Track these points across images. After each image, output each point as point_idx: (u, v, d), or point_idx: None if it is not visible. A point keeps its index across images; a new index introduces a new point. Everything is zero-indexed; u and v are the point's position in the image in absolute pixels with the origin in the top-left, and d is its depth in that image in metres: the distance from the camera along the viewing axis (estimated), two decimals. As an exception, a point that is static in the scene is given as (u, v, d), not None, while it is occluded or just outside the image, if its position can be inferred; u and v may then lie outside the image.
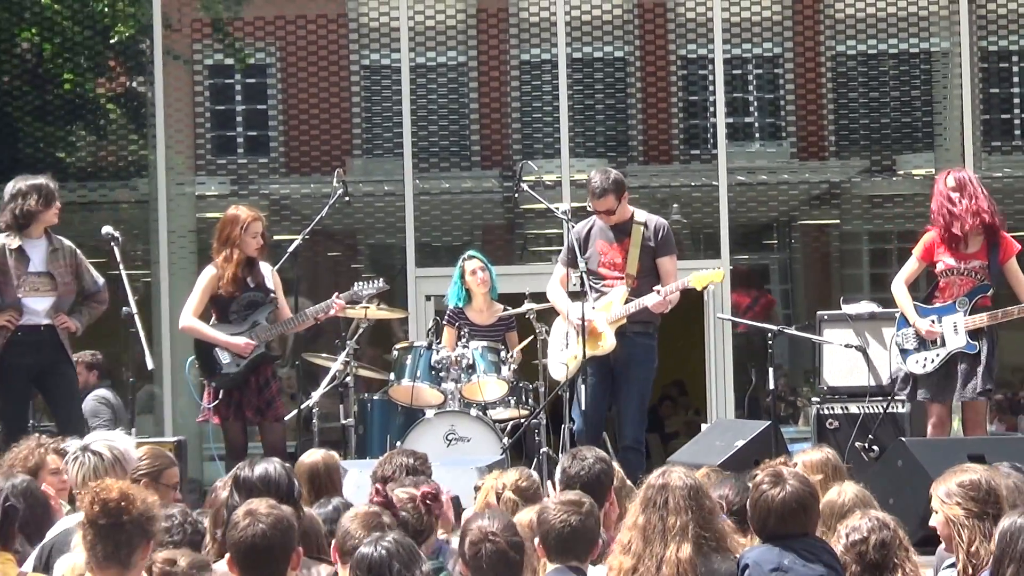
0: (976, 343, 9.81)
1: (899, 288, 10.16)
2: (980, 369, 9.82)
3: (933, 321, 9.92)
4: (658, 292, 10.23)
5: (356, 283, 10.94)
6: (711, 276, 10.41)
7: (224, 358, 10.38)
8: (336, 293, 10.75)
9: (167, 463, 7.21)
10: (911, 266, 10.21)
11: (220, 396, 10.34)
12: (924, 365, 9.95)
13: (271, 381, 10.46)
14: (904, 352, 10.06)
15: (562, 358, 10.65)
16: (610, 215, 10.38)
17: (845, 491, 6.50)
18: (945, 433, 9.88)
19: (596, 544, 5.86)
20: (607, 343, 10.29)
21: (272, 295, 10.52)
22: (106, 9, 15.67)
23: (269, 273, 10.57)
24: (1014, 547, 5.29)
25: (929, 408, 10.05)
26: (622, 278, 10.38)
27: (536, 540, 5.76)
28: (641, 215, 10.57)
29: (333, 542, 5.78)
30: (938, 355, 9.90)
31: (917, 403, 10.20)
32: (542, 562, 5.83)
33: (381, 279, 11.03)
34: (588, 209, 10.57)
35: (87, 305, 10.23)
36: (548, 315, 11.18)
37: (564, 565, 5.70)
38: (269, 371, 10.48)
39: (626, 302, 10.33)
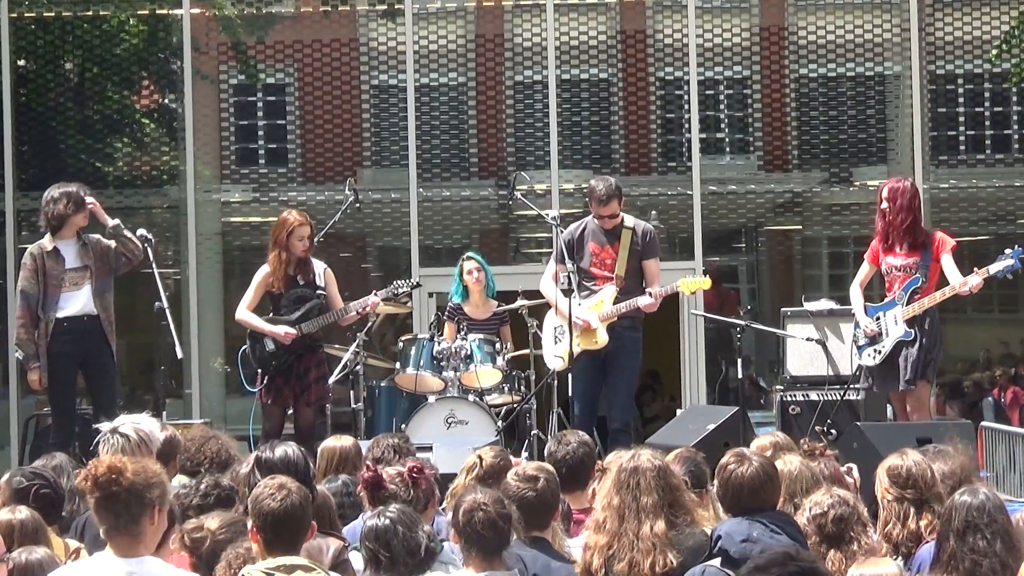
0: (912, 330, 9.71)
1: (854, 291, 10.11)
2: (911, 360, 9.70)
3: (879, 318, 9.85)
4: (650, 295, 10.08)
5: (394, 281, 10.86)
6: (699, 283, 10.33)
7: (270, 346, 10.32)
8: (374, 291, 10.73)
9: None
10: (863, 270, 10.15)
11: (265, 381, 10.29)
12: (874, 357, 9.88)
13: (311, 369, 10.36)
14: (860, 348, 10.00)
15: (558, 351, 10.43)
16: (614, 219, 10.18)
17: (790, 461, 6.39)
18: (920, 416, 9.68)
19: (555, 512, 5.82)
20: (600, 339, 10.15)
21: (320, 291, 10.41)
22: (139, 33, 15.60)
23: (321, 271, 10.48)
24: (951, 523, 5.24)
25: (888, 397, 10.00)
26: (611, 278, 10.23)
27: None
28: (630, 220, 10.34)
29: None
30: (884, 347, 9.82)
31: (873, 392, 10.15)
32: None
33: (415, 279, 11.05)
34: (595, 216, 10.16)
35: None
36: (539, 311, 11.12)
37: (527, 536, 5.66)
38: (312, 360, 10.37)
39: (615, 301, 10.19)
